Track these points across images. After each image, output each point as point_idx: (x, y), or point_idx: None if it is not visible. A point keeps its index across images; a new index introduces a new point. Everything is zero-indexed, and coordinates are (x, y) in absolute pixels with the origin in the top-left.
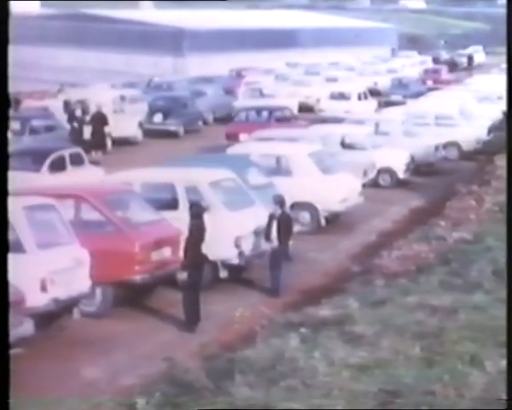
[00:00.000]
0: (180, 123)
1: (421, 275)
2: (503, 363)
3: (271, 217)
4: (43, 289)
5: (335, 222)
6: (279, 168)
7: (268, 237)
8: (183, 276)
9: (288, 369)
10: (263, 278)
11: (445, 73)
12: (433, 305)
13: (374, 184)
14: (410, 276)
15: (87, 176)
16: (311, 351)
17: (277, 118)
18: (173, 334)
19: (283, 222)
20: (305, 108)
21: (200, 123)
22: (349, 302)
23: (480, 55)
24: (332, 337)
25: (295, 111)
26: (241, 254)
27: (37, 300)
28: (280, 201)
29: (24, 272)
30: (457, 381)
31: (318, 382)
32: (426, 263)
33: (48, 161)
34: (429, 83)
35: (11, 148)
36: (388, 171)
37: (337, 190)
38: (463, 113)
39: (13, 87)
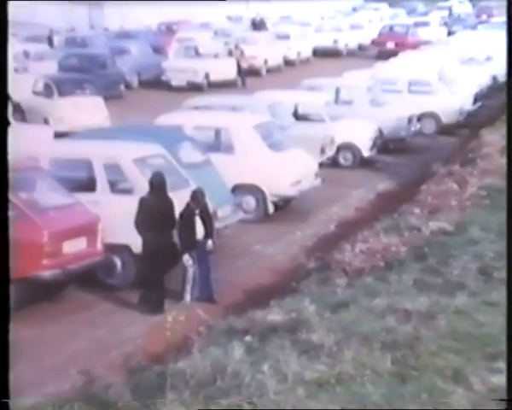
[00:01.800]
0: (97, 87)
1: (391, 273)
2: (494, 379)
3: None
4: None
5: (286, 209)
6: (218, 143)
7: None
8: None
9: (231, 385)
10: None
11: (423, 32)
12: (406, 309)
13: (333, 163)
14: (377, 274)
15: None
16: (258, 363)
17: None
18: (90, 341)
19: (206, 217)
20: (249, 71)
21: (123, 87)
22: (304, 305)
23: (464, 7)
24: (284, 347)
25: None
26: None
27: None
28: (198, 197)
29: None
30: (437, 401)
31: (267, 400)
32: (397, 258)
33: None
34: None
35: None
36: (351, 147)
37: (288, 171)
38: (443, 77)
39: None
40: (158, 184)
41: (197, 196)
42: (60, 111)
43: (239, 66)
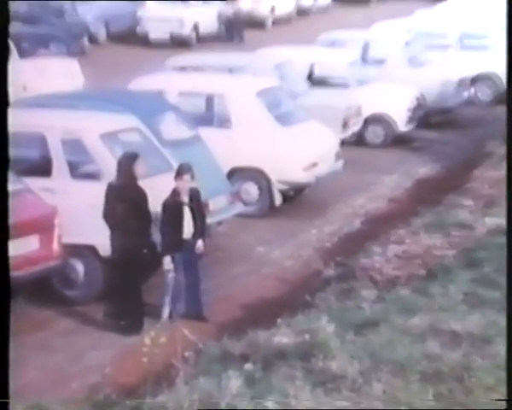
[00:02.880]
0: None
1: (434, 283)
2: None
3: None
4: None
5: (298, 200)
6: (210, 115)
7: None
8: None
9: None
10: None
11: None
12: (453, 330)
13: (359, 140)
14: (416, 284)
15: None
16: (261, 398)
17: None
18: (43, 370)
19: (197, 210)
20: (250, 22)
21: (86, 41)
22: (321, 324)
23: None
24: (294, 378)
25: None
26: None
27: None
28: (186, 178)
29: None
30: None
31: None
32: (442, 265)
33: None
34: None
35: None
36: (382, 120)
37: (301, 150)
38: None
39: None
40: (128, 167)
41: (184, 176)
42: (21, 77)
43: (236, 15)
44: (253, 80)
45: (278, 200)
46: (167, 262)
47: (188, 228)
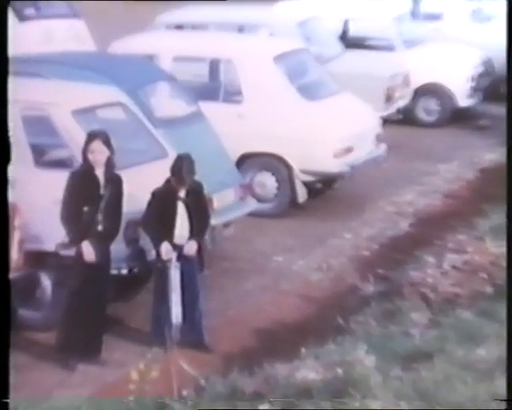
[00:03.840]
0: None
1: (503, 304)
2: None
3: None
4: None
5: (327, 195)
6: (215, 86)
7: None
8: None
9: None
10: None
11: None
12: None
13: (407, 118)
14: (481, 305)
15: None
16: None
17: None
18: None
19: (196, 206)
20: None
21: None
22: (357, 355)
23: None
24: None
25: None
26: None
27: None
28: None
29: None
30: None
31: None
32: None
33: None
34: None
35: None
36: (437, 91)
37: (331, 132)
38: None
39: None
40: (95, 152)
41: (182, 169)
42: (22, 42)
43: None
44: (270, 42)
45: (302, 195)
46: (166, 250)
47: (182, 230)
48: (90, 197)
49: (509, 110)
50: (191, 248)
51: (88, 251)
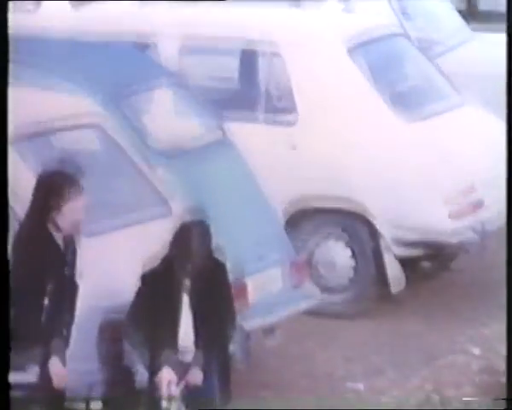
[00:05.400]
0: None
1: None
2: None
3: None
4: None
5: (439, 281)
6: (251, 95)
7: None
8: None
9: None
10: None
11: None
12: None
13: None
14: None
15: None
16: None
17: None
18: None
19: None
20: None
21: None
22: None
23: None
24: None
25: None
26: None
27: None
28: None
29: None
30: None
31: None
32: None
33: None
34: None
35: None
36: None
37: (446, 175)
38: None
39: None
40: (47, 201)
41: (191, 239)
42: None
43: None
44: (343, 22)
45: (397, 280)
46: (168, 376)
47: (187, 340)
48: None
49: (509, 110)
50: (195, 377)
51: (58, 372)
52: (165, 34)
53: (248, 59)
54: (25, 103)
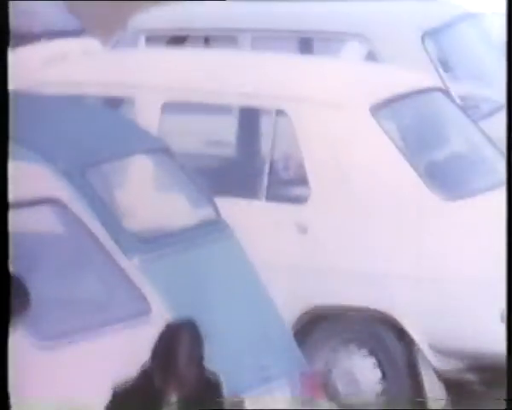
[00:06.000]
0: None
1: None
2: None
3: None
4: None
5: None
6: (252, 164)
7: None
8: None
9: None
10: None
11: None
12: None
13: None
14: None
15: None
16: None
17: None
18: None
19: None
20: None
21: None
22: None
23: None
24: None
25: None
26: None
27: None
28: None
29: None
30: None
31: None
32: None
33: None
34: None
35: None
36: None
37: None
38: None
39: None
40: None
41: (176, 347)
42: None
43: None
44: (366, 70)
45: (436, 400)
46: None
47: None
48: None
49: (509, 112)
50: None
51: None
52: (144, 86)
53: (248, 119)
54: None
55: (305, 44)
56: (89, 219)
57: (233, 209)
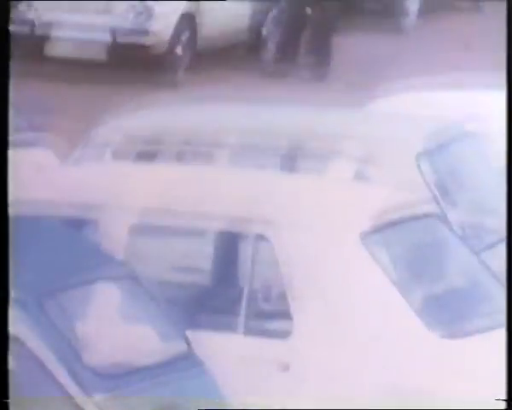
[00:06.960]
0: None
1: None
2: None
3: None
4: None
5: None
6: (229, 294)
7: None
8: None
9: None
10: None
11: None
12: None
13: None
14: None
15: None
16: None
17: None
18: None
19: None
20: None
21: None
22: None
23: None
24: None
25: None
26: None
27: None
28: None
29: None
30: None
31: None
32: None
33: None
34: None
35: None
36: None
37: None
38: None
39: None
40: None
41: None
42: None
43: None
44: (354, 192)
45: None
46: None
47: None
48: None
49: (509, 112)
50: None
51: None
52: (109, 205)
53: (224, 243)
54: None
55: (288, 161)
56: (45, 357)
57: (207, 344)
